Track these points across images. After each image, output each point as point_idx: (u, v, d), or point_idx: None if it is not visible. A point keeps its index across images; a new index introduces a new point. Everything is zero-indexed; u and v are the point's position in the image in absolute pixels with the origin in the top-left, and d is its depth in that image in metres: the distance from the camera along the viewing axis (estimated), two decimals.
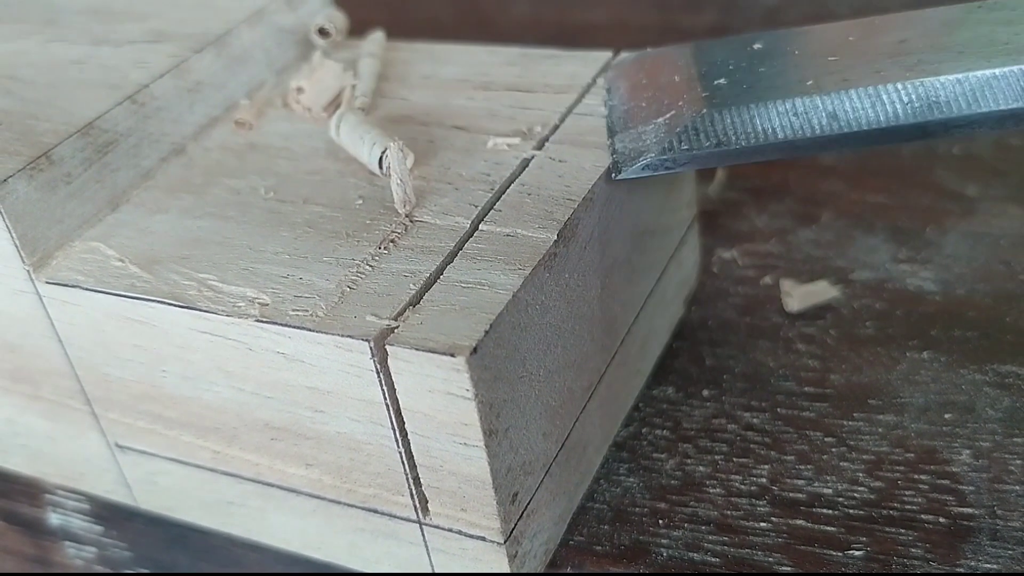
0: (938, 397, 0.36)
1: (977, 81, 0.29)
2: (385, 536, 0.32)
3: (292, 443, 0.31)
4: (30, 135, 0.33)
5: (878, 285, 0.41)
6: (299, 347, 0.28)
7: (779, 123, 0.31)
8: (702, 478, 0.34)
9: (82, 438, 0.36)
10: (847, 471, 0.34)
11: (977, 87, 0.29)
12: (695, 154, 0.31)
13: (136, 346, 0.31)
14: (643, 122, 0.33)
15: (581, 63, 0.38)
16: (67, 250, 0.33)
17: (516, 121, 0.35)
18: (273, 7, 0.40)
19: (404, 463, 0.29)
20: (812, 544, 0.32)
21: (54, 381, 0.35)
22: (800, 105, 0.31)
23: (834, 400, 0.36)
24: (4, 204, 0.31)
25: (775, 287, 0.41)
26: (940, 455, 0.34)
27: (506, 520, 0.29)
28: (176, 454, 0.34)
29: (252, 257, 0.31)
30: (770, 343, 0.39)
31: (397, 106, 0.37)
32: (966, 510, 0.32)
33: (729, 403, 0.37)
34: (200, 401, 0.32)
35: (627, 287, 0.35)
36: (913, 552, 0.31)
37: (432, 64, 0.40)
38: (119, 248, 0.32)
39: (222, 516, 0.35)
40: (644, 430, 0.36)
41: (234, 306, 0.29)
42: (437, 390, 0.27)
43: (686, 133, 0.31)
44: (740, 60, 0.34)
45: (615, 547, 0.33)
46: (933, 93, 0.30)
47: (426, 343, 0.26)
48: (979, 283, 0.40)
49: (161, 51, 0.37)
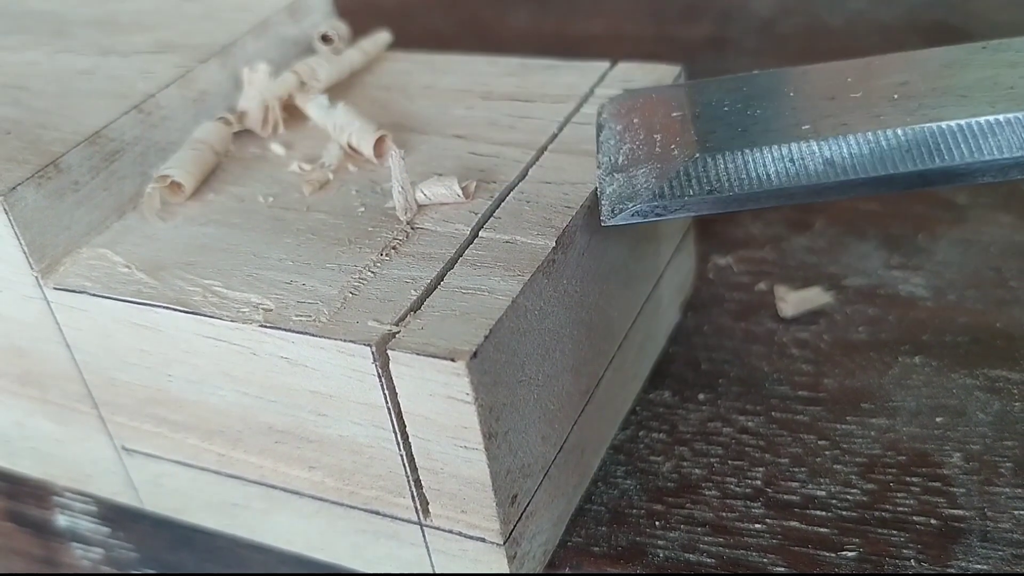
0: (929, 401, 0.36)
1: (980, 128, 0.28)
2: (387, 537, 0.32)
3: (295, 446, 0.31)
4: (39, 144, 0.33)
5: (870, 291, 0.41)
6: (302, 352, 0.28)
7: (774, 169, 0.30)
8: (698, 480, 0.34)
9: (89, 441, 0.36)
10: (840, 473, 0.34)
11: (980, 134, 0.28)
12: (686, 201, 0.30)
13: (142, 351, 0.31)
14: (634, 165, 0.32)
15: (579, 73, 0.38)
16: (74, 256, 0.33)
17: (515, 130, 0.35)
18: (277, 18, 0.40)
19: (405, 466, 0.29)
20: (806, 545, 0.32)
21: (62, 385, 0.35)
22: (796, 151, 0.30)
23: (827, 404, 0.36)
24: (13, 211, 0.31)
25: (769, 293, 0.41)
26: (931, 458, 0.34)
27: (505, 522, 0.29)
28: (182, 457, 0.34)
29: (256, 263, 0.31)
30: (765, 348, 0.39)
31: (399, 115, 0.37)
32: (957, 512, 0.32)
33: (724, 407, 0.37)
34: (205, 405, 0.32)
35: (624, 293, 0.35)
36: (905, 553, 0.31)
37: (433, 74, 0.40)
38: (126, 255, 0.32)
39: (227, 518, 0.36)
40: (641, 433, 0.36)
41: (238, 312, 0.29)
42: (438, 394, 0.27)
43: (678, 179, 0.30)
44: (735, 101, 0.32)
45: (612, 548, 0.33)
46: (934, 140, 0.29)
47: (427, 348, 0.26)
48: (969, 289, 0.40)
49: (167, 62, 0.38)
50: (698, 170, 0.30)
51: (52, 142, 0.33)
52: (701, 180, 0.30)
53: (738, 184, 0.30)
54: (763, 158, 0.30)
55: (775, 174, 0.30)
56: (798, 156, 0.30)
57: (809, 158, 0.30)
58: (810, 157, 0.30)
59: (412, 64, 0.41)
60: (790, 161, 0.30)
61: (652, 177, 0.31)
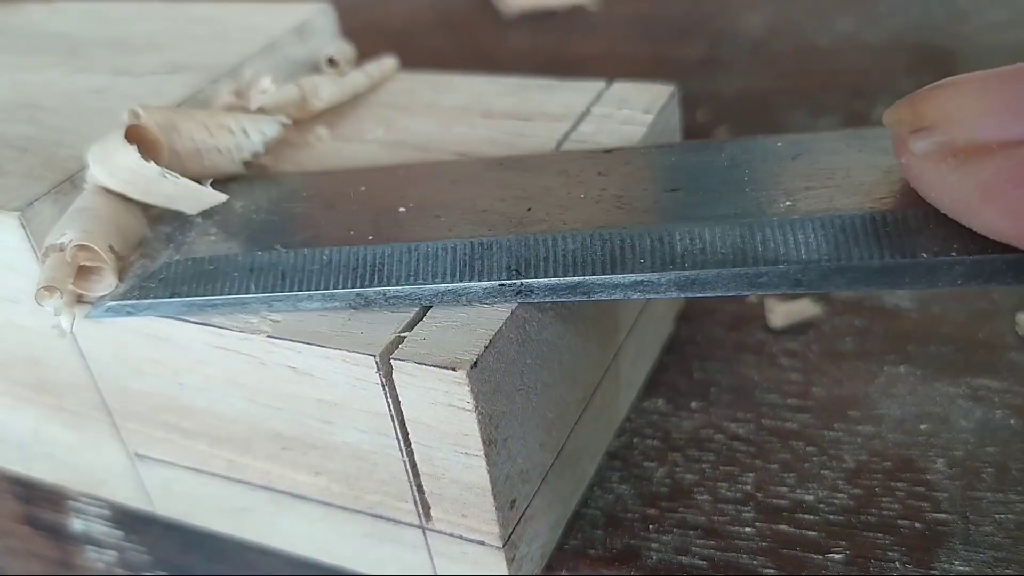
0: (914, 409, 0.36)
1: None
2: (390, 541, 0.32)
3: (302, 452, 0.31)
4: (54, 161, 0.33)
5: (857, 303, 0.41)
6: (308, 361, 0.28)
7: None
8: (690, 486, 0.34)
9: (103, 447, 0.36)
10: (828, 479, 0.34)
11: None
12: (154, 303, 0.30)
13: (154, 360, 0.32)
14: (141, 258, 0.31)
15: (576, 92, 0.38)
16: None
17: (514, 147, 0.35)
18: (284, 40, 0.40)
19: (408, 471, 0.29)
20: (795, 548, 0.32)
21: (76, 393, 0.35)
22: (258, 261, 0.30)
23: (816, 412, 0.36)
24: (30, 226, 0.31)
25: (760, 305, 0.42)
26: (916, 464, 0.34)
27: (504, 525, 0.29)
28: (192, 463, 0.34)
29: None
30: (755, 358, 0.39)
31: (402, 132, 0.37)
32: (940, 516, 0.32)
33: (716, 414, 0.37)
34: (215, 412, 0.32)
35: (620, 305, 0.35)
36: (890, 555, 0.31)
37: (435, 93, 0.40)
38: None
39: (235, 522, 0.36)
40: (635, 440, 0.36)
41: (247, 322, 0.29)
42: (439, 402, 0.27)
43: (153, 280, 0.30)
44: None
45: (608, 551, 0.33)
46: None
47: (429, 357, 0.26)
48: (953, 301, 0.40)
49: (178, 81, 0.38)
50: (173, 272, 0.30)
51: (67, 159, 0.33)
52: (170, 284, 0.30)
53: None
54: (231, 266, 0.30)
55: (238, 283, 0.29)
56: (259, 266, 0.29)
57: (267, 269, 0.29)
58: (267, 268, 0.29)
59: (415, 83, 0.41)
60: (252, 271, 0.29)
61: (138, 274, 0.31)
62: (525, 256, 0.28)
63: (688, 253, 0.26)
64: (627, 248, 0.27)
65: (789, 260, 0.26)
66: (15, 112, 0.37)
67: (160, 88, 0.37)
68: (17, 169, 0.33)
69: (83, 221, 0.31)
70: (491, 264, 0.28)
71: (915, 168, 0.25)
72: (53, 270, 0.30)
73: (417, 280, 0.28)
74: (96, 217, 0.31)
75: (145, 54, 0.41)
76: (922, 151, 0.25)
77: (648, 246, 0.27)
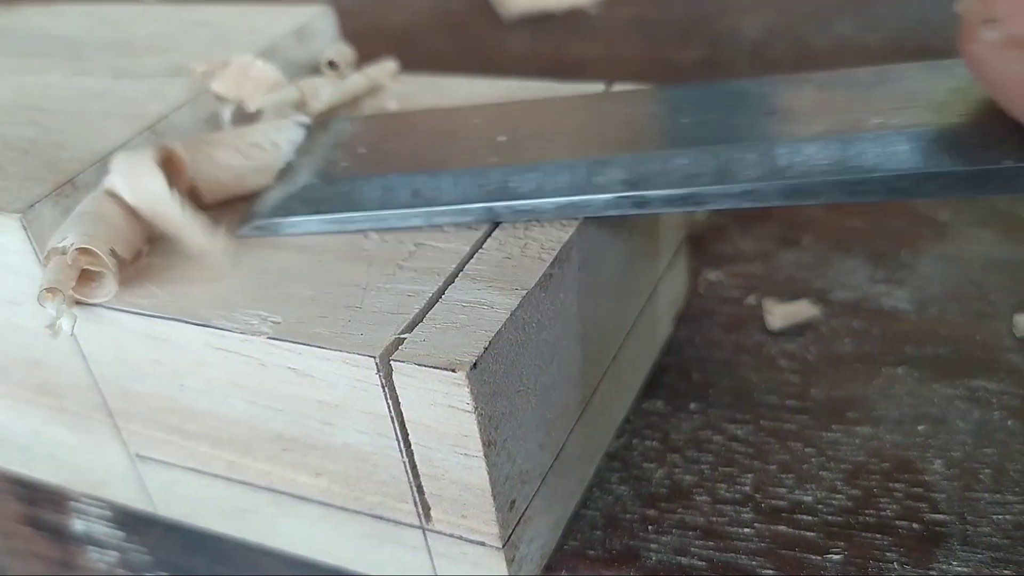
0: (912, 410, 0.36)
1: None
2: (390, 541, 0.32)
3: (302, 453, 0.31)
4: (56, 163, 0.33)
5: (855, 304, 0.41)
6: (309, 363, 0.28)
7: (377, 195, 0.31)
8: (689, 486, 0.34)
9: (104, 448, 0.36)
10: (826, 480, 0.34)
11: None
12: (296, 222, 0.32)
13: (155, 362, 0.32)
14: (281, 182, 0.33)
15: (575, 94, 0.38)
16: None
17: None
18: (285, 42, 0.41)
19: (408, 472, 0.29)
20: (793, 549, 0.32)
21: (78, 395, 0.35)
22: (389, 181, 0.31)
23: (814, 413, 0.36)
24: (32, 228, 0.31)
25: (758, 306, 0.42)
26: (914, 465, 0.34)
27: (504, 526, 0.29)
28: (193, 464, 0.34)
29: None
30: (754, 359, 0.39)
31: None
32: (938, 516, 0.32)
33: (715, 416, 0.37)
34: (216, 414, 0.32)
35: (619, 306, 0.35)
36: (888, 556, 0.31)
37: (436, 95, 0.40)
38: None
39: (237, 522, 0.36)
40: (635, 441, 0.36)
41: (248, 324, 0.29)
42: (439, 403, 0.27)
43: (289, 200, 0.32)
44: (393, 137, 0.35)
45: (607, 552, 0.33)
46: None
47: (429, 359, 0.26)
48: (951, 303, 0.40)
49: (179, 84, 0.38)
50: (313, 193, 0.32)
51: (69, 161, 0.33)
52: (311, 203, 0.32)
53: (345, 208, 0.31)
54: (368, 186, 0.32)
55: (375, 200, 0.31)
56: (392, 186, 0.31)
57: (400, 188, 0.31)
58: (401, 187, 0.31)
59: (416, 85, 0.41)
60: (387, 190, 0.31)
61: (279, 195, 0.32)
62: (640, 171, 0.29)
63: (791, 164, 0.28)
64: (735, 162, 0.29)
65: (885, 169, 0.27)
66: (16, 114, 0.37)
67: (161, 90, 0.37)
68: (18, 171, 0.33)
69: (86, 225, 0.31)
70: (609, 179, 0.29)
71: (981, 58, 0.26)
72: (55, 272, 0.30)
73: (542, 195, 0.30)
74: (100, 221, 0.31)
75: (147, 56, 0.41)
76: (991, 40, 0.25)
77: (755, 159, 0.29)
